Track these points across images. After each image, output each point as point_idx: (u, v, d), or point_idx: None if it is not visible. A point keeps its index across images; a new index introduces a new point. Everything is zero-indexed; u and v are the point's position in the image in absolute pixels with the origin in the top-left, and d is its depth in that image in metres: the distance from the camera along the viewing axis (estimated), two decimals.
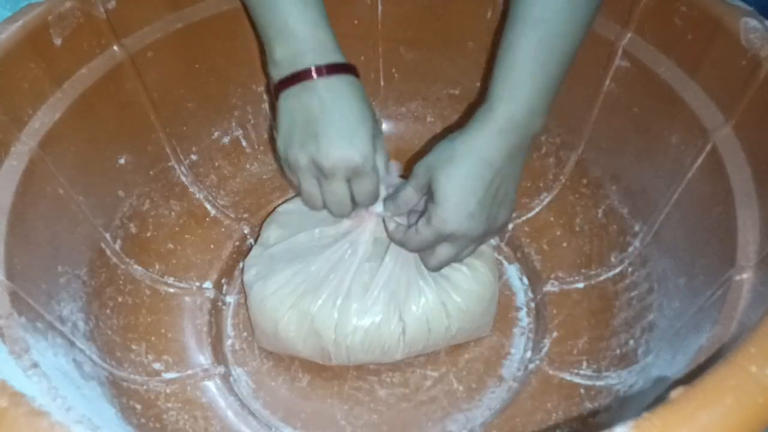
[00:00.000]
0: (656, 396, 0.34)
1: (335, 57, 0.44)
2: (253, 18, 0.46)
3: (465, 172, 0.43)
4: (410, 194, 0.47)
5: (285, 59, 0.44)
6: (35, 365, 0.32)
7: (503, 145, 0.42)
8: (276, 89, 0.45)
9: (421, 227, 0.45)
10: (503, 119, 0.42)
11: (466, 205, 0.43)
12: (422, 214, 0.47)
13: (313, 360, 0.52)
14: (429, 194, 0.45)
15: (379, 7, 0.59)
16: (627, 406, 0.43)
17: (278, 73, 0.44)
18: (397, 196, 0.47)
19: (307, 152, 0.43)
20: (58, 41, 0.45)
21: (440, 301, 0.50)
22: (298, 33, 0.43)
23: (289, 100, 0.44)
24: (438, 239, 0.45)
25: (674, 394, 0.25)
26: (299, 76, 0.43)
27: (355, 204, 0.46)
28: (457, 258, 0.48)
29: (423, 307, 0.49)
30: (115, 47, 0.50)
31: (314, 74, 0.43)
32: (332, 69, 0.43)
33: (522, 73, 0.41)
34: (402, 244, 0.48)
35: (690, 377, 0.31)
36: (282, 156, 0.46)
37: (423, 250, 0.48)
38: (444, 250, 0.46)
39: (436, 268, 0.48)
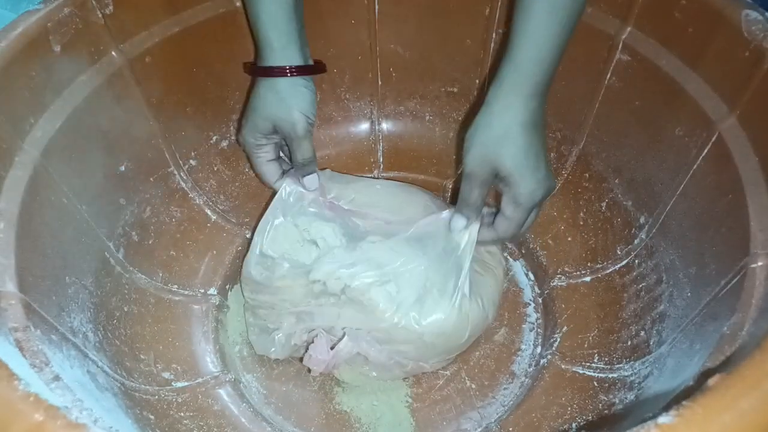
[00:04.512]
0: (683, 387, 0.34)
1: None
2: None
3: (525, 143, 0.45)
4: (482, 190, 0.48)
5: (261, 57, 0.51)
6: (57, 378, 0.31)
7: (537, 106, 0.45)
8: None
9: (512, 212, 0.47)
10: (532, 83, 0.44)
11: (538, 171, 0.46)
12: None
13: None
14: (496, 179, 0.47)
15: (376, 7, 0.59)
16: (644, 397, 0.43)
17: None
18: (469, 198, 0.48)
19: None
20: (57, 48, 0.44)
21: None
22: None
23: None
24: (529, 212, 0.48)
25: (712, 381, 0.25)
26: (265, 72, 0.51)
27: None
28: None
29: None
30: (114, 53, 0.49)
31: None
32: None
33: (540, 36, 0.43)
34: (501, 238, 0.50)
35: (724, 365, 0.31)
36: None
37: (521, 231, 0.49)
38: (532, 217, 0.49)
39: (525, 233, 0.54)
